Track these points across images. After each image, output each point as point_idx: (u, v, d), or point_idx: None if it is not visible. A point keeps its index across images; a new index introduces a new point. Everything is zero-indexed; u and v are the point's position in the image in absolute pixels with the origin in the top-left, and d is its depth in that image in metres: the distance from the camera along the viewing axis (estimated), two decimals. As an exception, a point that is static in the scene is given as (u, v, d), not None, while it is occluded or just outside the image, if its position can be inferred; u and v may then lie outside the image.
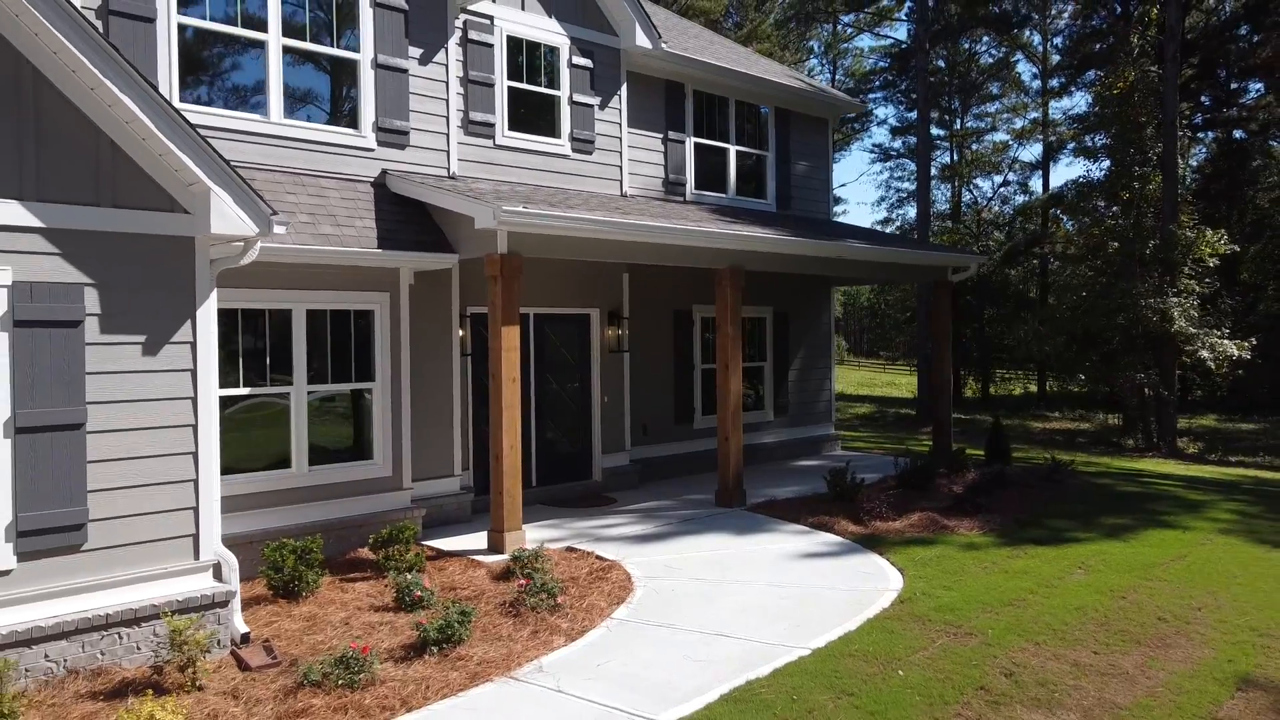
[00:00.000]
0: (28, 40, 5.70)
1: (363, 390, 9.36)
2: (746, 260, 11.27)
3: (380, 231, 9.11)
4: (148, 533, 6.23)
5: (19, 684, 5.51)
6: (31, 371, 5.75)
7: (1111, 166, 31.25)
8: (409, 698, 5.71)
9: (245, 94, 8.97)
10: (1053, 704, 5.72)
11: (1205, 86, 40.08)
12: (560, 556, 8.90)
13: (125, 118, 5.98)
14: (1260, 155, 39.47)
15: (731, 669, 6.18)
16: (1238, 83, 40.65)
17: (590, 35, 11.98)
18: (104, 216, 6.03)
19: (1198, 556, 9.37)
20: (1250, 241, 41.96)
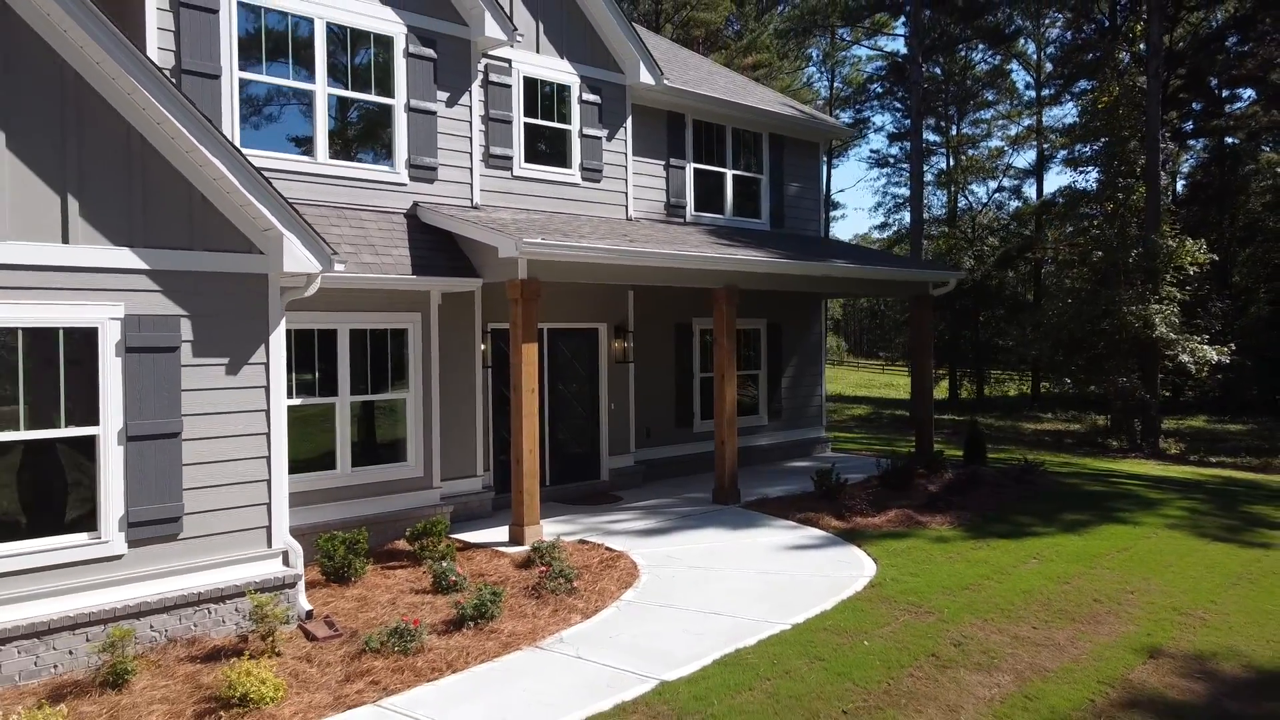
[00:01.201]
0: (137, 114, 6.84)
1: (398, 400, 10.51)
2: (740, 280, 12.41)
3: (414, 259, 10.25)
4: (229, 524, 7.38)
5: (133, 649, 6.64)
6: (139, 390, 6.90)
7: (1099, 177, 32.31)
8: (453, 661, 6.85)
9: (295, 137, 10.11)
10: (991, 668, 6.86)
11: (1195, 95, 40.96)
12: (574, 548, 10.04)
13: (214, 175, 7.12)
14: (1251, 160, 40.34)
15: (723, 640, 7.32)
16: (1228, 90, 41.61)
17: (599, 74, 13.12)
18: (196, 259, 7.18)
19: (1141, 548, 10.51)
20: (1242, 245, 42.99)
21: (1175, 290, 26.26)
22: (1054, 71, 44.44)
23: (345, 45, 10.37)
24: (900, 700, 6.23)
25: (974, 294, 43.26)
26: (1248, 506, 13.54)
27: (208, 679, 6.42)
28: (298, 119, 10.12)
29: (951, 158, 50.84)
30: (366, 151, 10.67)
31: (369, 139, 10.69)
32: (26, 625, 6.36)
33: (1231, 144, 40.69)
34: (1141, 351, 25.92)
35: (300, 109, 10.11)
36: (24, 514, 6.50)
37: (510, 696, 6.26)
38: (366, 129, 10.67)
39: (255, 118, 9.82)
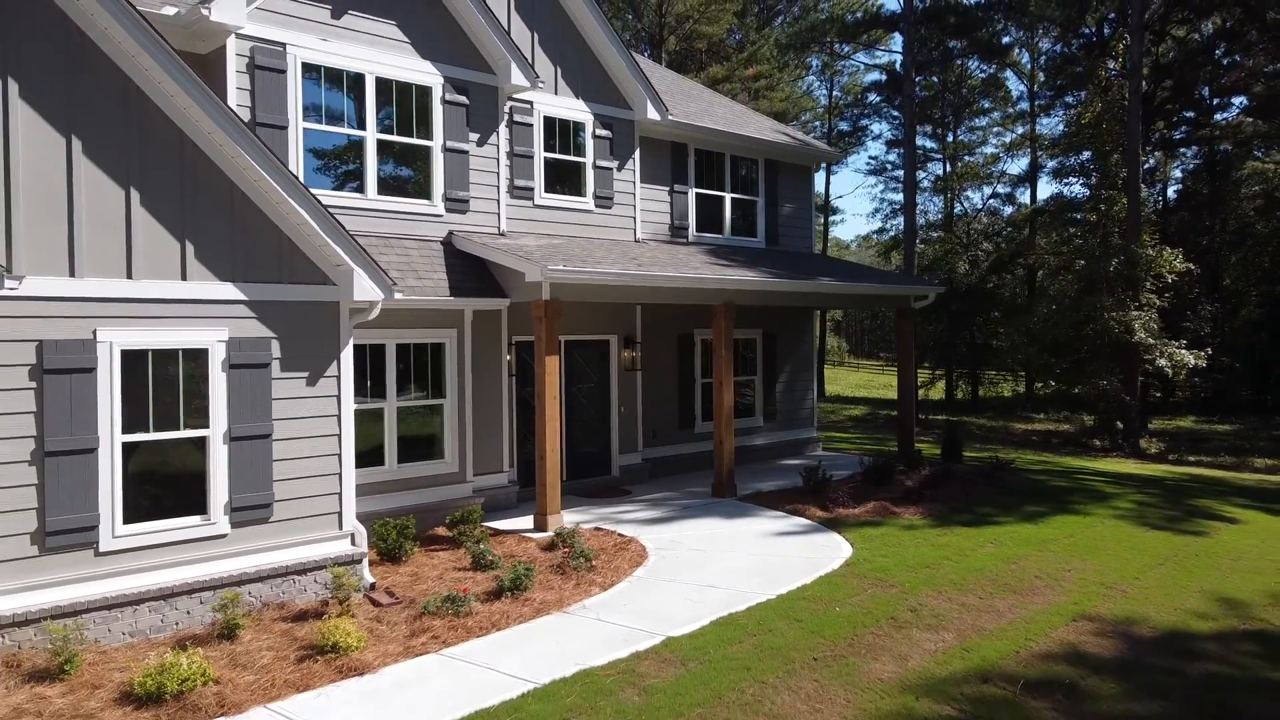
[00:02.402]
0: (238, 173, 8.36)
1: (436, 404, 12.03)
2: (736, 297, 13.90)
3: (451, 282, 11.76)
4: (309, 510, 8.90)
5: (239, 609, 8.14)
6: (239, 398, 8.41)
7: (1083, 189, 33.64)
8: (497, 622, 8.36)
9: (349, 176, 11.63)
10: (939, 628, 8.35)
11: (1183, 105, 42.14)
12: (591, 534, 11.54)
13: (298, 222, 8.63)
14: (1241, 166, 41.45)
15: (718, 606, 8.82)
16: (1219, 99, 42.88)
17: (610, 111, 14.62)
18: (283, 290, 8.69)
19: (1086, 535, 12.01)
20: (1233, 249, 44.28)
21: (1154, 297, 27.59)
22: (1046, 82, 45.88)
23: (391, 96, 11.89)
24: (860, 650, 7.74)
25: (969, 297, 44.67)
26: (1195, 500, 15.02)
27: (300, 633, 7.94)
28: (351, 160, 11.63)
29: (948, 164, 52.23)
30: (409, 187, 12.18)
31: (411, 177, 12.19)
32: (155, 590, 7.88)
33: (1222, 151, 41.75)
34: (1122, 355, 27.28)
35: (353, 152, 11.63)
36: (151, 500, 8.02)
37: (546, 648, 7.77)
38: (409, 168, 12.18)
39: (316, 161, 11.33)
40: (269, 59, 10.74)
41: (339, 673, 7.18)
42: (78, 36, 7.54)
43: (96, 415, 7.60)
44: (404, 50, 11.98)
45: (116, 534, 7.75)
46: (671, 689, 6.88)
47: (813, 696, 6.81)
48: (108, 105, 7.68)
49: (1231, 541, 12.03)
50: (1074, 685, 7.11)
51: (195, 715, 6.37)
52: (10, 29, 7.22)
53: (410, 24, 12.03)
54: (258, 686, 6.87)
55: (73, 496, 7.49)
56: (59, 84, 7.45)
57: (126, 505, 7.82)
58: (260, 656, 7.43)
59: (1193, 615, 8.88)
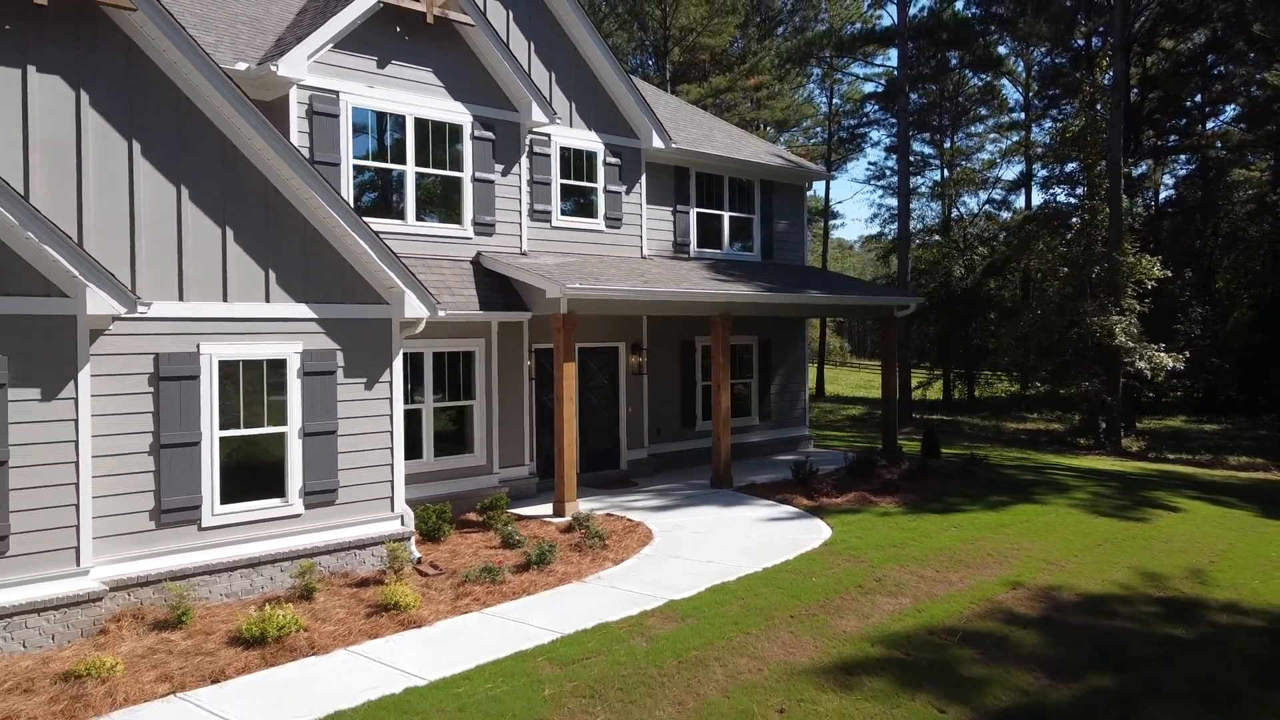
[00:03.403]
0: (310, 212, 9.98)
1: (467, 405, 13.65)
2: (732, 308, 15.50)
3: (480, 298, 13.37)
4: (367, 495, 10.52)
5: (313, 576, 9.76)
6: (311, 401, 10.03)
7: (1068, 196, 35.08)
8: (527, 589, 9.97)
9: (391, 204, 13.25)
10: (898, 594, 9.94)
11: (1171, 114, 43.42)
12: (603, 518, 13.13)
13: (359, 251, 10.25)
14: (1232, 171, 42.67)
15: (713, 577, 10.42)
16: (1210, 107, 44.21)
17: (619, 140, 16.23)
18: (345, 309, 10.31)
19: (1039, 521, 13.60)
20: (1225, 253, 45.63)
21: (1135, 303, 29.00)
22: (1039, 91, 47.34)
23: (427, 133, 13.51)
24: (830, 610, 9.34)
25: (965, 300, 46.15)
26: (1149, 493, 16.60)
27: (364, 595, 9.56)
28: (394, 191, 13.25)
29: (945, 170, 53.64)
30: (442, 214, 13.79)
31: (444, 204, 13.81)
32: (245, 559, 9.51)
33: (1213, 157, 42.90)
34: (1105, 358, 28.72)
35: (395, 183, 13.25)
36: (241, 485, 9.64)
37: (569, 608, 9.38)
38: (443, 196, 13.80)
39: (363, 192, 12.95)
40: (325, 105, 12.37)
41: (401, 625, 8.80)
42: (185, 104, 9.16)
43: (199, 415, 9.23)
44: (438, 93, 13.60)
45: (215, 513, 9.38)
46: (672, 637, 8.49)
47: (788, 644, 8.42)
48: (208, 158, 9.31)
49: (1169, 527, 13.62)
50: (1003, 637, 8.72)
51: (291, 654, 7.99)
52: (134, 99, 8.85)
53: (444, 70, 13.64)
54: (337, 634, 8.49)
55: (181, 481, 9.12)
56: (171, 142, 9.08)
57: (222, 489, 9.45)
58: (335, 613, 9.06)
59: (1115, 585, 10.48)
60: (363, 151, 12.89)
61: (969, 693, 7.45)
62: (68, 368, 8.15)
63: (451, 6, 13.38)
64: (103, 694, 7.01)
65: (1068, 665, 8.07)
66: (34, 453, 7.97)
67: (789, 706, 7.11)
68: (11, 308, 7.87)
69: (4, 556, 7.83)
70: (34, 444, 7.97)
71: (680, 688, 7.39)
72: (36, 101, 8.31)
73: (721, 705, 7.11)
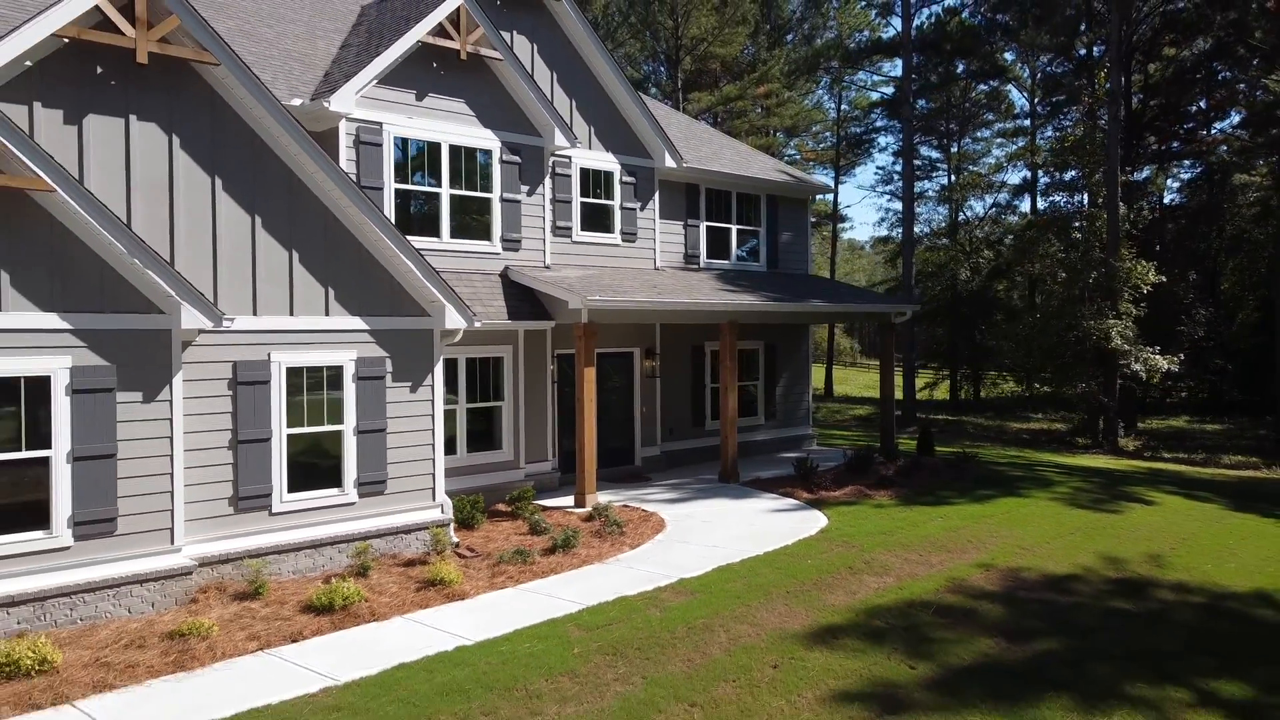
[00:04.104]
0: (363, 236, 11.32)
1: (496, 406, 15.00)
2: (739, 317, 16.78)
3: (508, 308, 14.69)
4: (412, 486, 11.86)
5: (367, 557, 11.09)
6: (363, 402, 11.38)
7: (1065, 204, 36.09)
8: (554, 568, 11.29)
9: (428, 223, 14.58)
10: (883, 573, 11.21)
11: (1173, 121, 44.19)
12: (620, 509, 14.44)
13: (405, 270, 11.59)
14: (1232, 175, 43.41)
15: (719, 559, 11.71)
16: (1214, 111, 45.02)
17: (635, 161, 17.55)
18: (393, 321, 11.65)
19: (1019, 512, 14.84)
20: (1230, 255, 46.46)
21: (1131, 307, 30.01)
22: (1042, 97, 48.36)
23: (461, 159, 14.85)
24: (822, 587, 10.62)
25: (972, 302, 47.20)
26: (1128, 488, 17.79)
27: (412, 573, 10.89)
28: (430, 211, 14.59)
29: (953, 174, 54.66)
30: (474, 231, 15.13)
31: (475, 222, 15.15)
32: (308, 541, 10.87)
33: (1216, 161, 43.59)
34: (1102, 360, 29.75)
35: (431, 204, 14.59)
36: (304, 476, 10.99)
37: (592, 584, 10.69)
38: (474, 216, 15.13)
39: (403, 213, 14.29)
40: (370, 135, 13.73)
41: (446, 598, 10.13)
42: (258, 143, 10.52)
43: (270, 414, 10.59)
44: (470, 122, 14.94)
45: (283, 500, 10.74)
46: (683, 608, 9.79)
47: (783, 614, 9.71)
48: (277, 190, 10.67)
49: (1139, 518, 14.84)
50: (970, 609, 9.99)
51: (356, 620, 9.33)
52: (215, 141, 10.21)
53: (475, 101, 14.98)
54: (392, 604, 9.83)
55: (255, 472, 10.48)
56: (246, 177, 10.44)
57: (289, 479, 10.81)
58: (388, 587, 10.40)
59: (1078, 567, 11.73)
60: (403, 176, 14.24)
61: (936, 653, 8.73)
62: (164, 374, 9.51)
63: (482, 43, 14.71)
64: (204, 649, 8.37)
65: (1024, 632, 9.35)
66: (137, 447, 9.34)
67: (781, 662, 8.40)
68: (120, 323, 9.23)
69: (113, 535, 9.20)
70: (137, 439, 9.34)
71: (689, 648, 8.69)
72: (136, 146, 9.68)
73: (724, 661, 8.41)
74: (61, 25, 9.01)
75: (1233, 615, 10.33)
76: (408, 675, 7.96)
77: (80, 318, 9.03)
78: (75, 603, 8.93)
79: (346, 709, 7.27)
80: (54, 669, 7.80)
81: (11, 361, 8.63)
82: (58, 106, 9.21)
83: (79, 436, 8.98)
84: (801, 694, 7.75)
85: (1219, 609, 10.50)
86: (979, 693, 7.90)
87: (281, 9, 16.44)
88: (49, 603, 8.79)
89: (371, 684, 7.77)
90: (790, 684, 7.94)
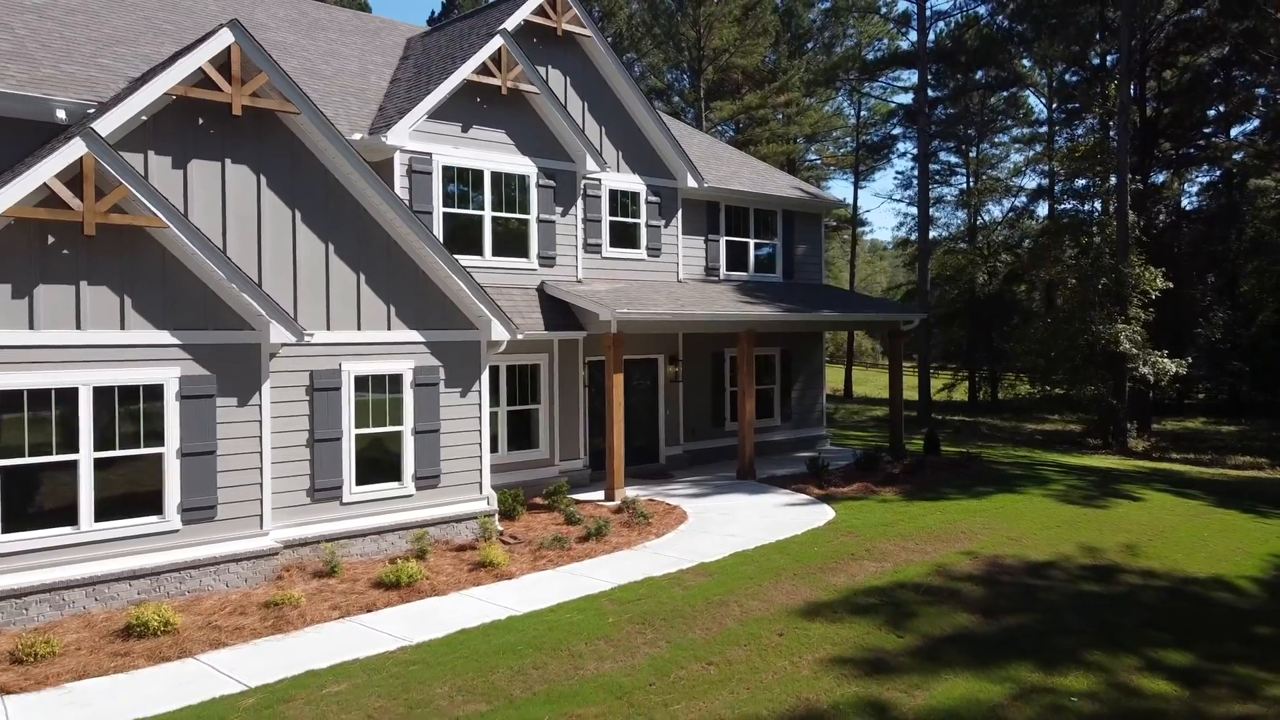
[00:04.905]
0: (419, 259, 12.83)
1: (534, 409, 16.49)
2: (755, 326, 18.18)
3: (544, 320, 16.16)
4: (462, 480, 13.36)
5: (424, 543, 12.59)
6: (420, 406, 12.88)
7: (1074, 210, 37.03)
8: (589, 553, 12.75)
9: (472, 243, 16.08)
10: (882, 560, 12.58)
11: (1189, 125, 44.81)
12: (646, 502, 15.87)
13: (456, 289, 13.08)
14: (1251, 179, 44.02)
15: (735, 546, 13.12)
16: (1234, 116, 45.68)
17: (659, 181, 18.99)
18: (446, 334, 13.16)
19: (1012, 507, 16.13)
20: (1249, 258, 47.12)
21: (1140, 311, 30.93)
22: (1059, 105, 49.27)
23: (501, 184, 16.35)
24: (826, 570, 12.01)
25: (990, 306, 48.22)
26: (1119, 485, 19.01)
27: (464, 557, 12.38)
28: (473, 231, 16.10)
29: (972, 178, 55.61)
30: (512, 250, 16.62)
31: (514, 242, 16.64)
32: (373, 528, 12.39)
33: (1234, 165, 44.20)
34: (1112, 363, 30.72)
35: (475, 225, 16.10)
36: (369, 471, 12.51)
37: (622, 567, 12.14)
38: (513, 235, 16.63)
39: (450, 234, 15.80)
40: (420, 165, 15.26)
41: (495, 578, 11.61)
42: (330, 179, 12.05)
43: (341, 416, 12.12)
44: (510, 150, 16.44)
45: (352, 491, 12.27)
46: (702, 587, 11.22)
47: (789, 592, 11.11)
48: (347, 221, 12.19)
49: (1123, 513, 16.10)
50: (954, 590, 11.35)
51: (419, 594, 10.83)
52: (295, 178, 11.74)
53: (514, 131, 16.48)
54: (449, 582, 11.32)
55: (328, 467, 12.02)
56: (320, 209, 11.97)
57: (357, 473, 12.33)
58: (444, 568, 11.90)
59: (1057, 555, 13.05)
60: (450, 201, 15.75)
61: (920, 624, 10.11)
62: (255, 382, 11.06)
63: (521, 79, 16.21)
64: (296, 616, 9.90)
65: (998, 609, 10.70)
66: (233, 445, 10.89)
67: (786, 631, 9.81)
68: (219, 339, 10.79)
69: (214, 520, 10.75)
70: (233, 438, 10.89)
71: (707, 619, 10.12)
72: (230, 185, 11.23)
73: (737, 630, 9.83)
74: (172, 85, 10.57)
75: (1191, 597, 11.63)
76: (468, 638, 9.44)
77: (187, 334, 10.59)
78: (184, 577, 10.49)
79: (421, 663, 8.76)
80: (175, 630, 9.35)
81: (133, 372, 10.20)
82: (167, 154, 10.77)
83: (186, 436, 10.54)
84: (802, 656, 9.15)
85: (1181, 592, 11.80)
86: (954, 657, 9.27)
87: (337, 46, 18.03)
88: (163, 576, 10.35)
89: (439, 644, 9.26)
90: (793, 649, 9.34)
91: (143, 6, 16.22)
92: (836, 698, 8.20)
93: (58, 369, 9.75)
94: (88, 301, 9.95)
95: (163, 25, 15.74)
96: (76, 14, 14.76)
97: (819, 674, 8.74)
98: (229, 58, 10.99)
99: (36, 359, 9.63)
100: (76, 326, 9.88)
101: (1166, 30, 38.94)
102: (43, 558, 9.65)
